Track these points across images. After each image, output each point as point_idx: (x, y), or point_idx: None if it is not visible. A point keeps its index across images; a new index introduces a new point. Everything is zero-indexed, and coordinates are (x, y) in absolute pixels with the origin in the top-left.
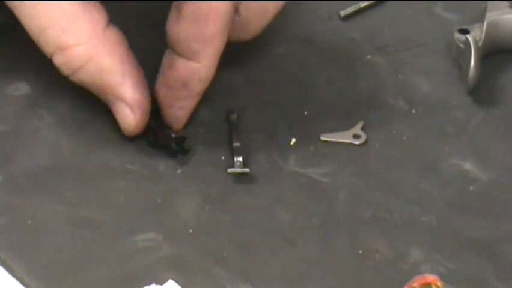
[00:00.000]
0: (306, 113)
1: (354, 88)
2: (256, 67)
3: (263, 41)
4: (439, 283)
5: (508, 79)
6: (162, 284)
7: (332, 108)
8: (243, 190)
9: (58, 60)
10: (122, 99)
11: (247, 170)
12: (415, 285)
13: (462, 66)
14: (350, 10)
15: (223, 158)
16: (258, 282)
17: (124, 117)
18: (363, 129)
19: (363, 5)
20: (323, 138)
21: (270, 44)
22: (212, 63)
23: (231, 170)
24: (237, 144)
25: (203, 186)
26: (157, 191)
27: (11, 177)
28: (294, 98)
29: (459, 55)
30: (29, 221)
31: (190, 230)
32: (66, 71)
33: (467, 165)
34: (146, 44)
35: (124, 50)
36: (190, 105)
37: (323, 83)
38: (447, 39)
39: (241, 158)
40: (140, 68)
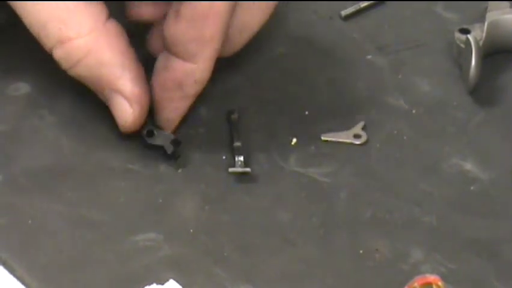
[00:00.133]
0: (306, 113)
1: (354, 88)
2: (257, 67)
3: (264, 41)
4: (440, 283)
5: (508, 79)
6: (163, 283)
7: (333, 108)
8: (243, 190)
9: (58, 53)
10: (121, 93)
11: (248, 169)
12: (416, 285)
13: (463, 66)
14: (350, 10)
15: (224, 157)
16: (259, 282)
17: (121, 112)
18: (363, 129)
19: (364, 5)
20: (324, 138)
21: (270, 44)
22: (208, 65)
23: (231, 170)
24: (237, 144)
25: (203, 186)
26: (158, 190)
27: (11, 177)
28: (295, 98)
29: (460, 55)
30: (29, 221)
31: (191, 230)
32: (65, 65)
33: (468, 165)
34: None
35: (124, 44)
36: (183, 107)
37: (323, 83)
38: (448, 39)
39: (242, 158)
40: (140, 63)
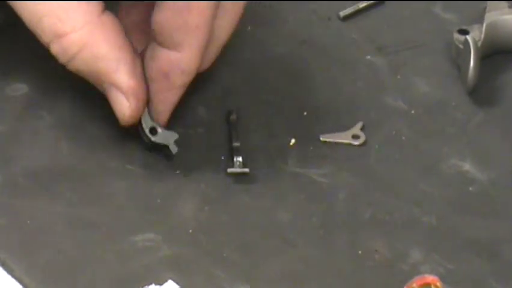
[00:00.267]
0: (305, 114)
1: (353, 88)
2: (255, 67)
3: (262, 42)
4: (438, 283)
5: (507, 80)
6: (161, 284)
7: (331, 108)
8: (242, 190)
9: (55, 48)
10: (117, 86)
11: (246, 170)
12: (414, 285)
13: (461, 66)
14: (349, 11)
15: (223, 158)
16: (258, 282)
17: (119, 105)
18: (362, 129)
19: (363, 5)
20: (323, 139)
21: (269, 44)
22: (194, 54)
23: (230, 170)
24: (236, 144)
25: (202, 186)
26: (157, 191)
27: (10, 178)
28: (294, 99)
29: (458, 56)
30: (28, 221)
31: (190, 230)
32: (62, 59)
33: (467, 166)
34: None
35: (120, 37)
36: (172, 99)
37: (322, 84)
38: (446, 39)
39: (240, 158)
40: (137, 56)
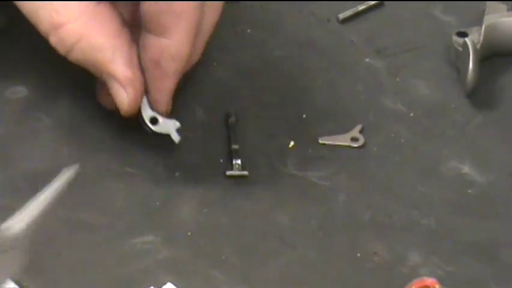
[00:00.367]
0: (304, 116)
1: (352, 91)
2: (254, 69)
3: (261, 44)
4: (437, 286)
5: (506, 82)
6: (160, 286)
7: (331, 111)
8: (241, 193)
9: (53, 39)
10: (114, 77)
11: (245, 172)
12: None
13: (460, 69)
14: (348, 13)
15: (222, 160)
16: (257, 285)
17: (117, 96)
18: (361, 132)
19: (362, 7)
20: (322, 141)
21: (268, 46)
22: (184, 39)
23: (229, 173)
24: (235, 146)
25: (201, 188)
26: (156, 193)
27: (9, 180)
28: (293, 101)
29: (457, 58)
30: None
31: (189, 233)
32: (61, 50)
33: (466, 168)
34: None
35: (116, 26)
36: (167, 87)
37: (321, 86)
38: (445, 42)
39: (239, 161)
40: (135, 45)
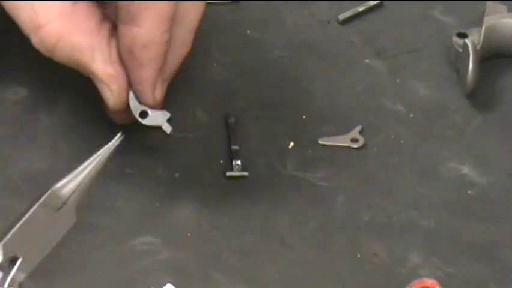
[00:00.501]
0: (304, 117)
1: (352, 92)
2: (254, 70)
3: (261, 45)
4: (437, 287)
5: (506, 83)
6: (160, 287)
7: (330, 112)
8: (241, 194)
9: (34, 40)
10: (96, 75)
11: (245, 173)
12: None
13: (460, 70)
14: (348, 14)
15: (222, 161)
16: (257, 285)
17: (102, 93)
18: (361, 133)
19: (361, 9)
20: (321, 142)
21: (268, 47)
22: (154, 26)
23: (229, 174)
24: (235, 147)
25: (201, 189)
26: (155, 194)
27: (9, 181)
28: (292, 102)
29: (457, 59)
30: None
31: (189, 234)
32: (44, 52)
33: (466, 169)
34: None
35: (94, 24)
36: (146, 76)
37: (321, 87)
38: (445, 43)
39: (239, 162)
40: (115, 41)
